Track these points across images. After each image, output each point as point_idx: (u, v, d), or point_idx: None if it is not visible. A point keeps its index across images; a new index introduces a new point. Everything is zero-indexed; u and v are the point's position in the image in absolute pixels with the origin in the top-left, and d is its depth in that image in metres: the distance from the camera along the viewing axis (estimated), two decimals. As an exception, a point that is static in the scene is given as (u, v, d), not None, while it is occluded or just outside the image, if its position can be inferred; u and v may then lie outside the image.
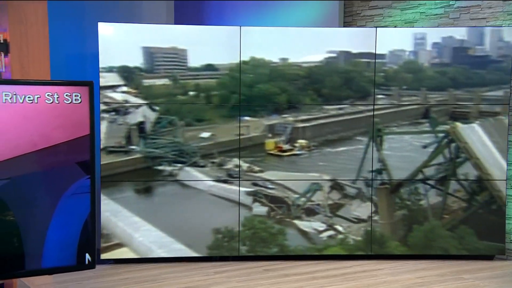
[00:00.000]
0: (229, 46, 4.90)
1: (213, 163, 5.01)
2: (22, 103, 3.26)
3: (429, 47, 4.97)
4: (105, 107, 4.87)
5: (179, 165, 4.99)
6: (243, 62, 4.91)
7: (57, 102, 3.36)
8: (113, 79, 4.88)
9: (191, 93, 4.94)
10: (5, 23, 4.60)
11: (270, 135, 5.05)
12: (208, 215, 5.01)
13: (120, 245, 4.95)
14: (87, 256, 3.52)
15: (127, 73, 4.88)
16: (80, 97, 3.42)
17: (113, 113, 4.90)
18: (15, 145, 3.24)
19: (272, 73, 4.96)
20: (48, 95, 3.33)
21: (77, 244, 3.49)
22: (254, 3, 5.92)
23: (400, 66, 4.98)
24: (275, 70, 4.96)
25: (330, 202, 5.09)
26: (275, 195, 5.06)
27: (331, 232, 5.08)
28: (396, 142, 5.05)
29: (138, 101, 4.92)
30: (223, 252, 5.01)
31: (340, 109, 5.05)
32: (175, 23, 5.74)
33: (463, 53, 4.98)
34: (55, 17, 4.82)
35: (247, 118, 5.00)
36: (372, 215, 5.06)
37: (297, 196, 5.08)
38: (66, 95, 3.38)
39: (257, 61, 4.93)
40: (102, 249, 4.90)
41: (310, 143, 5.06)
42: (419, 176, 5.03)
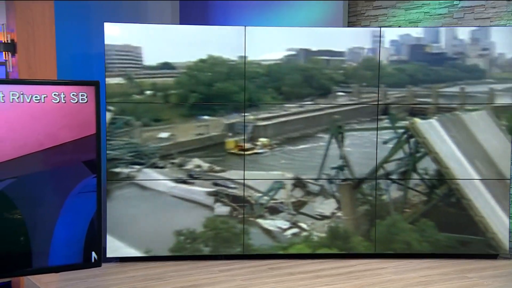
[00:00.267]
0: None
1: (173, 163, 4.95)
2: (29, 102, 3.30)
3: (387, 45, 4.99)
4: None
5: (137, 166, 4.89)
6: (200, 60, 4.83)
7: (64, 101, 3.39)
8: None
9: (148, 92, 4.83)
10: (13, 23, 4.64)
11: (230, 134, 5.00)
12: (170, 216, 4.93)
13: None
14: (93, 254, 3.55)
15: None
16: (86, 97, 3.45)
17: None
18: (22, 144, 3.27)
19: (231, 71, 4.88)
20: (54, 94, 3.36)
21: (83, 242, 3.52)
22: (258, 3, 5.94)
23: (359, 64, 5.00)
24: (234, 68, 4.87)
25: (293, 199, 5.07)
26: (237, 195, 5.00)
27: (295, 230, 5.05)
28: (357, 139, 5.06)
29: None
30: (186, 254, 4.94)
31: (301, 106, 5.03)
32: (180, 23, 5.77)
33: (421, 51, 5.02)
34: (61, 17, 4.86)
35: (206, 118, 4.94)
36: (335, 211, 5.08)
37: (260, 195, 5.03)
38: (73, 94, 3.41)
39: (215, 59, 4.85)
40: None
41: (271, 141, 5.06)
42: (380, 171, 5.06)
